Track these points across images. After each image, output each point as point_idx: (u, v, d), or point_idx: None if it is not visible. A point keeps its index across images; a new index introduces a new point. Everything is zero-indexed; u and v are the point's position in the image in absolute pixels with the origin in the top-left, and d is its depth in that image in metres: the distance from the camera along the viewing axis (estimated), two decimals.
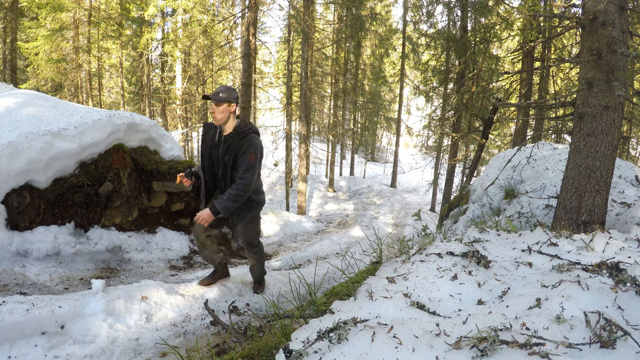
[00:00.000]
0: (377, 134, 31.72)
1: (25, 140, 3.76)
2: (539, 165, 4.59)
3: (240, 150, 2.84)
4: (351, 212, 13.52)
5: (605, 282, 1.28)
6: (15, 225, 3.73)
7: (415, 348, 1.03)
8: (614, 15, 2.54)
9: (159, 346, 2.37)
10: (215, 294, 3.15)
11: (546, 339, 0.95)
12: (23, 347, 2.17)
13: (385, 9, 21.86)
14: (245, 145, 2.84)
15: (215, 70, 16.63)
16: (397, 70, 24.47)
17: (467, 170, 10.92)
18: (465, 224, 4.77)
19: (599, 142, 2.59)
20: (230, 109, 2.86)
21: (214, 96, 2.81)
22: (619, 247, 1.86)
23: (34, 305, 2.40)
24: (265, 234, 7.97)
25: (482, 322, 1.10)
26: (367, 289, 1.58)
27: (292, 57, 15.75)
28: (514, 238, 2.26)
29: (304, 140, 11.82)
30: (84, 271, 3.82)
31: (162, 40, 15.66)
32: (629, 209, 3.09)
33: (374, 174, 25.02)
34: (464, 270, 1.65)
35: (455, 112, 10.96)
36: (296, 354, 1.09)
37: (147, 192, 5.21)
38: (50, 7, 11.52)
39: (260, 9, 10.37)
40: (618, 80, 2.46)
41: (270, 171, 21.06)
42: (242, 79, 9.21)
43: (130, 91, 19.87)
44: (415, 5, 16.61)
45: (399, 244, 2.82)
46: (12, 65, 13.19)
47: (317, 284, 2.61)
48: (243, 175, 2.81)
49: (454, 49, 11.03)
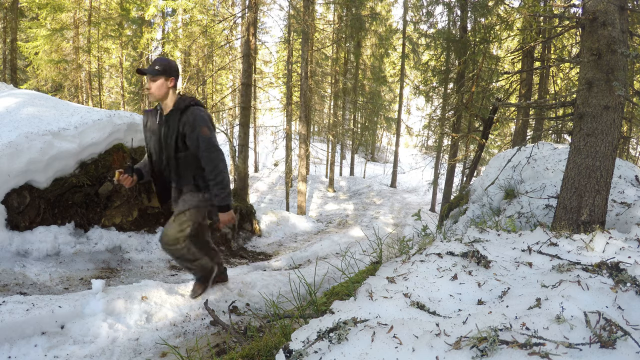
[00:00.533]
0: (377, 134, 31.73)
1: (25, 140, 3.76)
2: (539, 165, 4.59)
3: (185, 127, 2.49)
4: (351, 212, 13.52)
5: (605, 282, 1.28)
6: (15, 225, 3.73)
7: (415, 348, 1.03)
8: (614, 15, 2.54)
9: (159, 346, 2.37)
10: (215, 294, 3.15)
11: (546, 339, 0.95)
12: (23, 347, 2.17)
13: (385, 8, 21.87)
14: (190, 120, 2.49)
15: (215, 70, 16.64)
16: (397, 70, 24.49)
17: (467, 170, 10.91)
18: (465, 224, 4.77)
19: (599, 142, 2.59)
20: (168, 84, 2.53)
21: (148, 69, 2.48)
22: (619, 247, 1.86)
23: (34, 305, 2.40)
24: (265, 234, 7.97)
25: (482, 322, 1.10)
26: (367, 289, 1.57)
27: (292, 57, 15.75)
28: (514, 238, 2.26)
29: (304, 140, 11.82)
30: (84, 271, 3.82)
31: (162, 40, 15.67)
32: (629, 209, 3.09)
33: (374, 174, 25.03)
34: (464, 270, 1.65)
35: (455, 112, 10.97)
36: (296, 354, 1.09)
37: (147, 192, 5.21)
38: (50, 7, 11.53)
39: (260, 9, 10.37)
40: (618, 80, 2.46)
41: (270, 171, 21.07)
42: (242, 79, 9.21)
43: (130, 91, 19.87)
44: (415, 5, 16.60)
45: (399, 244, 2.81)
46: (12, 65, 13.19)
47: (317, 284, 2.61)
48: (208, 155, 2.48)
49: (454, 49, 11.04)
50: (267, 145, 26.51)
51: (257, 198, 16.36)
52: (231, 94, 19.88)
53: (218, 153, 2.51)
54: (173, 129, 2.51)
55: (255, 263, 5.57)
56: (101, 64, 15.31)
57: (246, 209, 7.40)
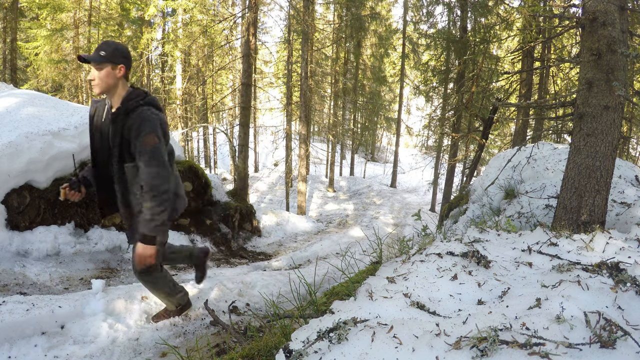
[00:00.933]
0: (377, 134, 31.74)
1: (26, 140, 3.76)
2: (539, 165, 4.59)
3: (130, 132, 2.00)
4: (351, 212, 13.52)
5: (605, 282, 1.28)
6: (15, 225, 3.73)
7: (415, 348, 1.03)
8: (614, 15, 2.54)
9: (159, 346, 2.37)
10: (215, 294, 3.15)
11: (546, 339, 0.95)
12: (23, 347, 2.17)
13: (385, 8, 21.87)
14: (135, 124, 1.99)
15: (215, 70, 16.65)
16: (397, 70, 24.50)
17: (467, 170, 10.92)
18: (465, 224, 4.77)
19: (599, 142, 2.59)
20: (116, 73, 2.04)
21: (91, 55, 1.99)
22: (619, 247, 1.86)
23: (34, 305, 2.40)
24: (265, 234, 7.98)
25: (482, 322, 1.10)
26: (367, 289, 1.57)
27: (292, 57, 15.75)
28: (514, 238, 2.26)
29: (304, 140, 11.82)
30: (84, 271, 3.82)
31: (162, 40, 15.66)
32: (629, 209, 3.09)
33: (374, 174, 25.03)
34: (464, 270, 1.65)
35: (455, 112, 10.97)
36: (296, 354, 1.09)
37: None
38: (50, 8, 11.53)
39: (260, 9, 10.38)
40: (618, 80, 2.46)
41: (270, 171, 21.06)
42: (242, 79, 9.21)
43: None
44: (416, 5, 16.60)
45: (399, 244, 2.82)
46: (12, 65, 13.20)
47: (317, 284, 2.61)
48: (146, 169, 1.99)
49: (454, 49, 11.04)
50: (267, 145, 26.52)
51: (257, 198, 16.36)
52: (231, 94, 19.89)
53: (159, 168, 2.00)
54: (117, 133, 2.05)
55: (255, 263, 5.57)
56: None
57: (246, 209, 7.41)
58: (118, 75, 2.05)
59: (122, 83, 2.08)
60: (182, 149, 5.95)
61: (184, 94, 15.48)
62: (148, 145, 1.99)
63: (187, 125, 16.91)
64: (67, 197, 2.20)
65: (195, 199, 6.10)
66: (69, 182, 2.21)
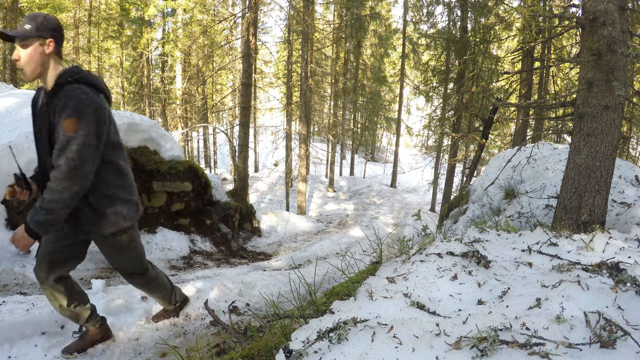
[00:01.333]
0: (377, 134, 31.75)
1: (25, 140, 3.76)
2: (539, 165, 4.59)
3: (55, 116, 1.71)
4: (351, 212, 13.52)
5: (605, 282, 1.28)
6: (15, 225, 3.73)
7: (415, 348, 1.03)
8: (614, 15, 2.54)
9: (159, 346, 2.37)
10: (215, 294, 3.15)
11: (546, 339, 0.95)
12: (23, 347, 2.17)
13: (385, 8, 21.87)
14: (59, 105, 1.68)
15: (215, 70, 16.66)
16: (397, 70, 24.51)
17: (467, 170, 10.92)
18: (465, 224, 4.77)
19: (599, 142, 2.59)
20: (45, 49, 1.73)
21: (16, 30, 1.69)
22: (619, 247, 1.86)
23: (34, 305, 2.40)
24: (265, 234, 7.97)
25: (482, 322, 1.10)
26: (367, 289, 1.57)
27: (292, 57, 15.75)
28: (514, 238, 2.26)
29: (304, 140, 11.82)
30: (84, 271, 3.82)
31: (162, 40, 15.67)
32: (629, 209, 3.09)
33: (374, 174, 25.03)
34: (464, 270, 1.65)
35: (455, 112, 10.97)
36: (296, 354, 1.09)
37: (147, 192, 5.21)
38: (50, 7, 11.55)
39: (260, 9, 10.37)
40: (618, 80, 2.46)
41: (270, 171, 21.07)
42: (242, 79, 9.21)
43: (130, 91, 19.89)
44: (416, 5, 16.59)
45: (399, 244, 2.81)
46: (12, 65, 13.19)
47: (317, 284, 2.61)
48: (57, 162, 1.67)
49: (454, 49, 11.04)
50: (267, 145, 26.54)
51: (257, 198, 16.37)
52: (231, 94, 19.89)
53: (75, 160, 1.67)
54: (45, 119, 1.76)
55: (255, 263, 5.57)
56: (101, 64, 15.32)
57: (246, 209, 7.41)
58: (47, 51, 1.73)
59: (53, 61, 1.76)
60: (182, 149, 5.95)
61: (184, 94, 15.49)
62: (66, 133, 1.65)
63: (187, 125, 16.92)
64: (15, 197, 1.88)
65: (195, 199, 6.10)
66: (15, 178, 1.88)
